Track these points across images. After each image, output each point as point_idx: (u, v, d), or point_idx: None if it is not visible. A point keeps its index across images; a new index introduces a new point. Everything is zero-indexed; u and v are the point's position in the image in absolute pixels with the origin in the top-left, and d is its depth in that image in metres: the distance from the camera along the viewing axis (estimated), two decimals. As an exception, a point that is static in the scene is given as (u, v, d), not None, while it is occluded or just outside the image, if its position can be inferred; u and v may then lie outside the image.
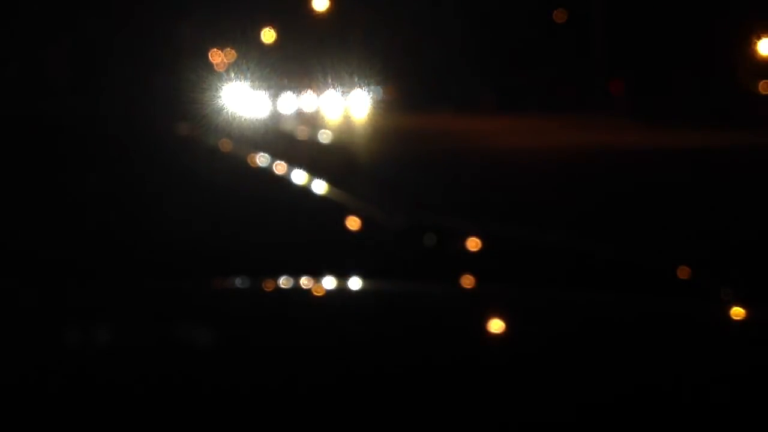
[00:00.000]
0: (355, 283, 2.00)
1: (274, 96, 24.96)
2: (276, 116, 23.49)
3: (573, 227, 7.06)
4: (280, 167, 3.10)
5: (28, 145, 2.89)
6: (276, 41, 28.15)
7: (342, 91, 26.21)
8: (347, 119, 25.18)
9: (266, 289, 1.84)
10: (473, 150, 15.98)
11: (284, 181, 3.07)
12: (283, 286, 1.87)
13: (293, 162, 3.20)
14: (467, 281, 2.24)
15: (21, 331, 1.50)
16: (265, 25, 27.86)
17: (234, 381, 1.26)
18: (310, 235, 2.49)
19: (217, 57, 21.19)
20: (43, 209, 2.51)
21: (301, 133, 19.83)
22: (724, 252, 5.97)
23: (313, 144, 17.55)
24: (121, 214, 2.52)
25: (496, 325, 1.63)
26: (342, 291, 1.91)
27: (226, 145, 3.23)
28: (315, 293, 1.83)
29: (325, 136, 19.25)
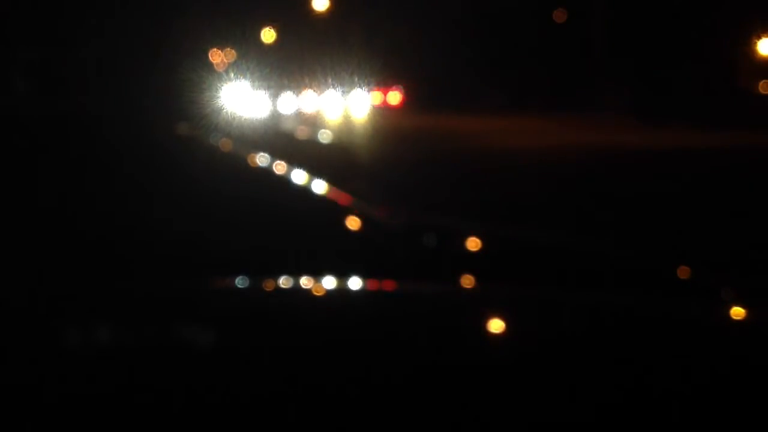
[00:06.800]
0: (355, 283, 2.00)
1: (274, 96, 24.96)
2: (276, 116, 23.49)
3: (573, 227, 7.06)
4: (280, 167, 3.10)
5: (28, 145, 2.89)
6: (276, 41, 28.15)
7: (342, 91, 26.22)
8: (347, 119, 25.18)
9: (266, 289, 1.84)
10: (473, 150, 15.98)
11: (284, 181, 3.07)
12: (283, 286, 1.87)
13: (293, 162, 3.20)
14: (467, 281, 2.24)
15: (21, 331, 1.50)
16: (265, 25, 27.85)
17: (234, 381, 1.26)
18: (310, 235, 2.48)
19: (217, 57, 21.19)
20: (41, 209, 2.51)
21: (301, 133, 19.83)
22: (724, 252, 5.97)
23: (313, 144, 17.55)
24: (121, 214, 2.52)
25: (496, 325, 1.63)
26: (342, 291, 1.91)
27: (226, 145, 3.24)
28: (315, 293, 1.83)
29: (325, 136, 19.25)
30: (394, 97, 29.19)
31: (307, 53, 26.13)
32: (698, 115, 20.83)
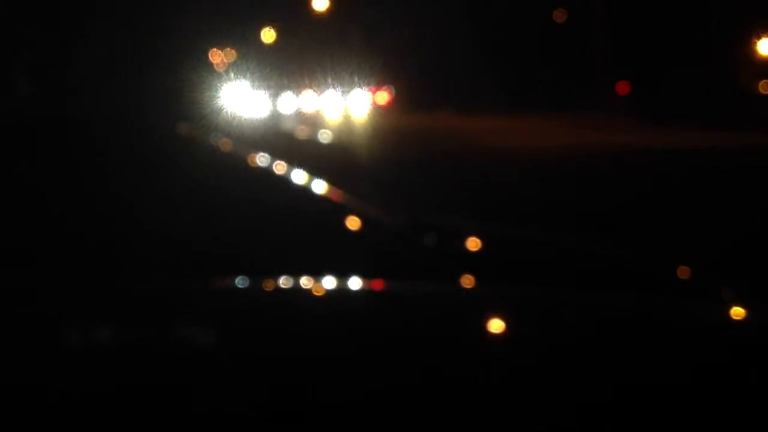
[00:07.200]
0: (355, 283, 2.00)
1: (274, 96, 24.94)
2: (276, 116, 23.49)
3: (573, 227, 7.06)
4: (280, 167, 3.10)
5: (29, 145, 2.89)
6: (276, 41, 28.14)
7: (342, 91, 26.21)
8: (347, 119, 25.18)
9: (266, 289, 1.84)
10: (473, 150, 15.97)
11: (284, 181, 3.07)
12: (283, 286, 1.87)
13: (293, 162, 3.20)
14: (467, 281, 2.24)
15: (20, 331, 1.50)
16: (265, 25, 27.85)
17: (234, 381, 1.26)
18: (310, 235, 2.49)
19: (217, 57, 21.17)
20: (42, 209, 2.51)
21: (301, 133, 19.83)
22: (724, 252, 5.96)
23: (313, 144, 17.55)
24: (121, 214, 2.52)
25: (496, 325, 1.63)
26: (342, 291, 1.91)
27: (226, 145, 3.24)
28: (315, 293, 1.83)
29: (325, 136, 19.24)
30: (382, 96, 29.39)
31: (307, 53, 26.12)
32: (698, 115, 20.82)
